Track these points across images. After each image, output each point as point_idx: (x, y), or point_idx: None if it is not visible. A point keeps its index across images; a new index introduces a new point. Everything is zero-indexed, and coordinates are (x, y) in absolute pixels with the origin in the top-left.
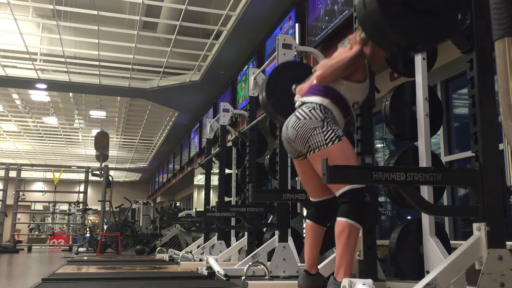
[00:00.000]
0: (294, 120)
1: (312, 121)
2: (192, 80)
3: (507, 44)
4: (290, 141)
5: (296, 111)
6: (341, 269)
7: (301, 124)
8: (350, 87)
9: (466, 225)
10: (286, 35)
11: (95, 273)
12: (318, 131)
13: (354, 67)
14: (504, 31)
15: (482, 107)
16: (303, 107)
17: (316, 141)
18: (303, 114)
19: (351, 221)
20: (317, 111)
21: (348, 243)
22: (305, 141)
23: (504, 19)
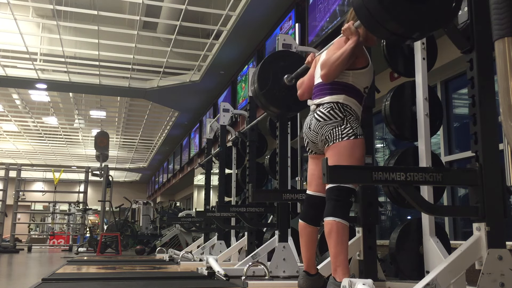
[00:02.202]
0: (315, 123)
1: (333, 122)
2: (192, 80)
3: (507, 44)
4: (314, 142)
5: (315, 113)
6: (338, 269)
7: (322, 125)
8: (356, 75)
9: (466, 225)
10: (286, 35)
11: (95, 273)
12: (337, 128)
13: (354, 56)
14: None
15: (482, 107)
16: (320, 109)
17: (333, 135)
18: (322, 115)
19: (338, 219)
20: (336, 111)
21: (339, 242)
22: (325, 138)
23: (504, 19)
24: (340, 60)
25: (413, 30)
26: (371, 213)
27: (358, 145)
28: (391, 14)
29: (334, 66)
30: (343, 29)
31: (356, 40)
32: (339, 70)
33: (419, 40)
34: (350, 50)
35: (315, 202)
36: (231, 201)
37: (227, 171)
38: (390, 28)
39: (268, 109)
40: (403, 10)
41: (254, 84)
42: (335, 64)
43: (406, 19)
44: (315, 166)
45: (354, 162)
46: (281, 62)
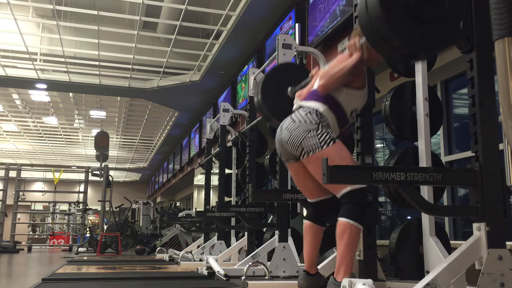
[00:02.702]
0: (289, 122)
1: (307, 124)
2: (192, 80)
3: (507, 44)
4: (283, 143)
5: (292, 114)
6: (341, 269)
7: (295, 126)
8: (349, 94)
9: (466, 225)
10: (286, 35)
11: (95, 273)
12: (312, 134)
13: (354, 73)
14: (504, 31)
15: (482, 107)
16: (299, 110)
17: (311, 144)
18: (298, 117)
19: (353, 222)
20: (313, 115)
21: (349, 244)
22: (299, 143)
23: (504, 19)
24: (341, 73)
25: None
26: (371, 213)
27: (340, 145)
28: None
29: (333, 78)
30: (349, 45)
31: (359, 57)
32: (338, 83)
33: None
34: (352, 65)
35: (318, 205)
36: (231, 201)
37: (227, 171)
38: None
39: (271, 121)
40: (410, 29)
41: (257, 96)
42: (335, 76)
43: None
44: (298, 179)
45: (345, 161)
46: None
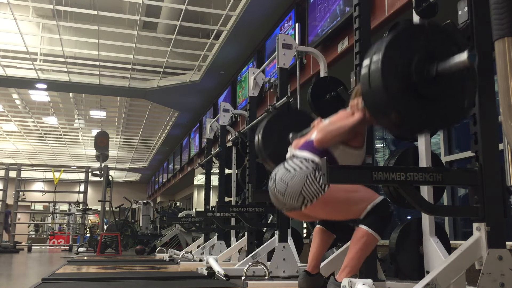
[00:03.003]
0: (283, 172)
1: (302, 171)
2: (192, 80)
3: (507, 44)
4: (277, 195)
5: (285, 163)
6: (346, 269)
7: (291, 176)
8: (345, 152)
9: (466, 225)
10: (286, 35)
11: (95, 273)
12: (310, 179)
13: (353, 133)
14: (504, 31)
15: (482, 107)
16: (293, 160)
17: (312, 191)
18: (292, 165)
19: (372, 231)
20: (309, 163)
21: (362, 250)
22: (298, 193)
23: (504, 19)
24: (339, 132)
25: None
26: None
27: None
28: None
29: (330, 135)
30: (351, 104)
31: (361, 118)
32: (334, 140)
33: None
34: (351, 125)
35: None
36: (231, 201)
37: (227, 171)
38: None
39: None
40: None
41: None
42: (332, 133)
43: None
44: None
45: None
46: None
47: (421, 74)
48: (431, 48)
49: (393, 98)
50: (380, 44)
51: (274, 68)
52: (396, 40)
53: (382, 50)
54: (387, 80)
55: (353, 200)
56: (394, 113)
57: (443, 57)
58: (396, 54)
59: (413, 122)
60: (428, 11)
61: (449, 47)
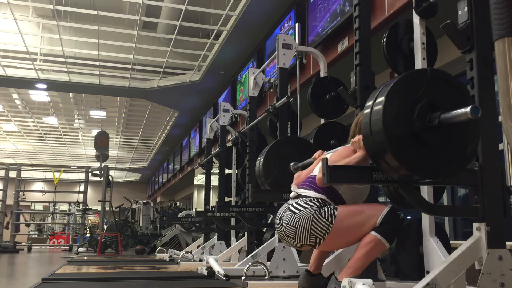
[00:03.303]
0: (289, 215)
1: (308, 210)
2: (192, 80)
3: (507, 44)
4: (289, 239)
5: (290, 205)
6: (348, 270)
7: (297, 217)
8: (349, 188)
9: (466, 225)
10: (286, 35)
11: (95, 273)
12: (317, 217)
13: None
14: (504, 31)
15: (482, 107)
16: (298, 201)
17: (321, 228)
18: (297, 207)
19: (381, 237)
20: (314, 202)
21: (368, 254)
22: (308, 234)
23: (504, 19)
24: None
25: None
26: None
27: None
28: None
29: None
30: (353, 140)
31: (363, 156)
32: None
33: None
34: (354, 164)
35: None
36: (231, 201)
37: (227, 171)
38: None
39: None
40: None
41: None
42: None
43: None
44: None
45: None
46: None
47: (423, 122)
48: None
49: (392, 144)
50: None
51: (274, 68)
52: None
53: (385, 95)
54: (388, 125)
55: (361, 222)
56: (392, 159)
57: (445, 105)
58: (398, 100)
59: (413, 169)
60: (428, 11)
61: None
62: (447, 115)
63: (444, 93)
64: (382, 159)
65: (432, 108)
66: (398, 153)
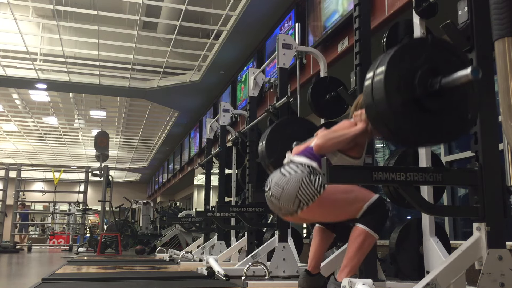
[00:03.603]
0: (279, 177)
1: (297, 175)
2: (192, 80)
3: (507, 44)
4: (272, 200)
5: (281, 168)
6: (345, 269)
7: (286, 180)
8: (343, 160)
9: (466, 225)
10: (286, 35)
11: (95, 273)
12: (306, 182)
13: (353, 142)
14: (504, 31)
15: (482, 107)
16: (290, 165)
17: (308, 193)
18: (288, 170)
19: (369, 230)
20: (305, 167)
21: (360, 249)
22: (293, 197)
23: (504, 19)
24: (339, 140)
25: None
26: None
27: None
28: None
29: (330, 142)
30: (355, 114)
31: (363, 129)
32: (334, 147)
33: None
34: (353, 135)
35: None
36: (231, 201)
37: (227, 171)
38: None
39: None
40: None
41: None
42: (332, 140)
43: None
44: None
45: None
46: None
47: (424, 87)
48: (434, 62)
49: (395, 111)
50: (383, 57)
51: (274, 68)
52: (399, 53)
53: (386, 63)
54: (389, 92)
55: (348, 200)
56: (396, 125)
57: (446, 71)
58: (399, 67)
59: (415, 135)
60: (428, 11)
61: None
62: (448, 78)
63: (445, 60)
64: (385, 126)
65: (433, 74)
66: (401, 120)
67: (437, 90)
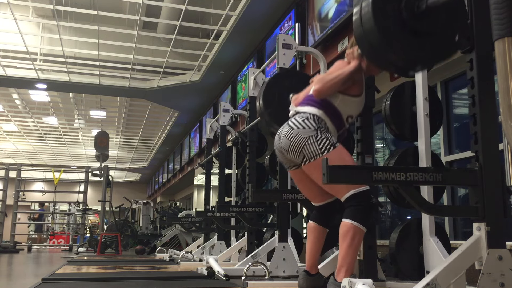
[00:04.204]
0: (287, 129)
1: (306, 131)
2: (192, 80)
3: (507, 44)
4: (283, 151)
5: (289, 121)
6: (342, 269)
7: (294, 133)
8: (345, 100)
9: (466, 225)
10: (286, 35)
11: (95, 273)
12: (312, 140)
13: (351, 81)
14: (504, 31)
15: (482, 107)
16: (296, 117)
17: (311, 151)
18: (296, 123)
19: (356, 223)
20: (310, 121)
21: (351, 245)
22: (299, 150)
23: (504, 19)
24: (336, 80)
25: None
26: (375, 215)
27: (341, 150)
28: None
29: (328, 84)
30: (347, 53)
31: (356, 65)
32: (332, 89)
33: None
34: (348, 73)
35: (324, 208)
36: (231, 201)
37: (227, 171)
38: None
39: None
40: (405, 44)
41: (259, 101)
42: (330, 82)
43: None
44: (299, 184)
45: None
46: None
47: (411, 9)
48: None
49: (386, 37)
50: None
51: (274, 68)
52: None
53: None
54: (378, 19)
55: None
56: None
57: None
58: None
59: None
60: None
61: None
62: None
63: None
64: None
65: None
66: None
67: (424, 11)
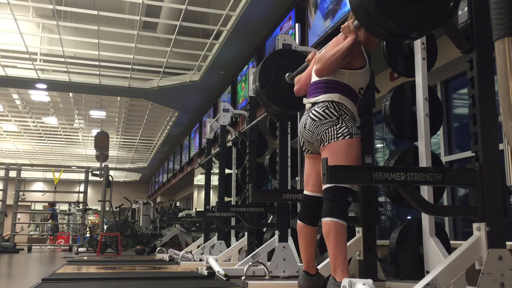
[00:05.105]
0: (310, 122)
1: (328, 121)
2: (192, 80)
3: (507, 44)
4: (310, 141)
5: (310, 113)
6: (337, 269)
7: (317, 124)
8: (352, 75)
9: (466, 225)
10: (286, 35)
11: (95, 273)
12: (332, 128)
13: (351, 55)
14: (504, 31)
15: (482, 107)
16: (316, 108)
17: (329, 135)
18: (317, 115)
19: (336, 219)
20: (331, 110)
21: (337, 243)
22: (320, 138)
23: (504, 19)
24: (336, 57)
25: (412, 30)
26: (371, 213)
27: (354, 144)
28: (388, 14)
29: (329, 62)
30: (343, 27)
31: (353, 39)
32: (333, 66)
33: (419, 39)
34: (346, 48)
35: (312, 202)
36: (231, 201)
37: (227, 171)
38: (388, 28)
39: (269, 107)
40: (400, 10)
41: (255, 82)
42: (330, 59)
43: (404, 19)
44: (311, 166)
45: (349, 161)
46: (283, 60)
47: None
48: None
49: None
50: None
51: None
52: None
53: None
54: None
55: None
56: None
57: None
58: None
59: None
60: None
61: None
62: None
63: None
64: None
65: None
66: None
67: None
